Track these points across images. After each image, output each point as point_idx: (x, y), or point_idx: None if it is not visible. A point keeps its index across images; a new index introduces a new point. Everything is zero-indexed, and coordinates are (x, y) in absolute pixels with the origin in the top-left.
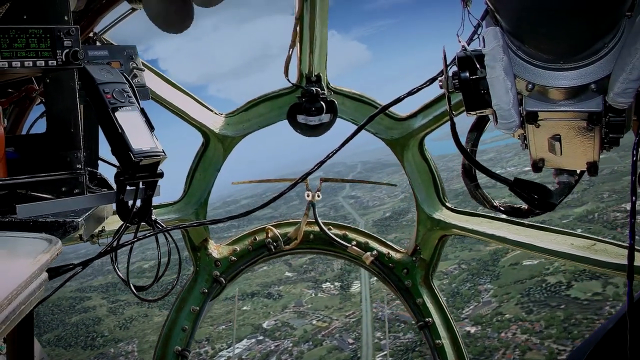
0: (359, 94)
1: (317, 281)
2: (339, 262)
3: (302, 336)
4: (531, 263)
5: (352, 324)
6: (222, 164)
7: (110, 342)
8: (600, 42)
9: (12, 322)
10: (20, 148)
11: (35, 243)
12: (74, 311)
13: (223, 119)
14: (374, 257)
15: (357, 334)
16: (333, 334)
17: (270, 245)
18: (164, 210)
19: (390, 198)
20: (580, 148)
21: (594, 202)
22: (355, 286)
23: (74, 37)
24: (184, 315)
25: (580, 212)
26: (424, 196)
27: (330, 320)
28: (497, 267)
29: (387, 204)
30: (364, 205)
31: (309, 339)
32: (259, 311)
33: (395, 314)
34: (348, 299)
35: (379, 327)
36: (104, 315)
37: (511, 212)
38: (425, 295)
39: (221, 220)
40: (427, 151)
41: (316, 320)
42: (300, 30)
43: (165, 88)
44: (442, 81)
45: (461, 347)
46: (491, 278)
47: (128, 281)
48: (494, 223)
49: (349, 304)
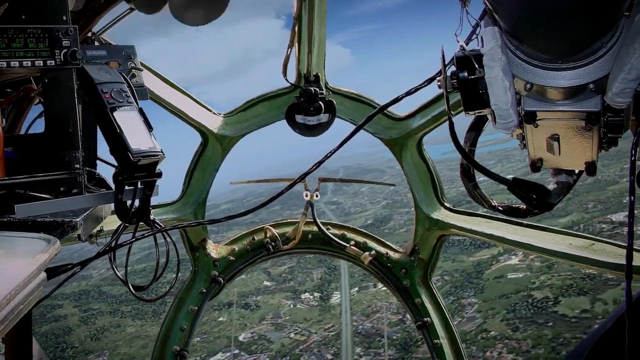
0: (358, 93)
1: (296, 291)
2: (319, 271)
3: (280, 350)
4: (516, 276)
5: (332, 338)
6: (220, 164)
7: (80, 353)
8: (599, 42)
9: (11, 322)
10: (19, 148)
11: (33, 243)
12: (44, 320)
13: (221, 119)
14: (372, 257)
15: (337, 349)
16: (311, 349)
17: (268, 245)
18: (163, 210)
19: (372, 205)
20: (578, 148)
21: (579, 213)
22: (335, 297)
23: (73, 37)
24: (182, 315)
25: (565, 223)
26: (422, 196)
27: (309, 333)
28: (481, 280)
29: (368, 211)
30: (345, 211)
31: (287, 354)
32: (235, 322)
33: (376, 327)
34: (327, 310)
35: (359, 341)
36: (75, 324)
37: (510, 212)
38: (423, 295)
39: (220, 220)
40: (425, 151)
41: (294, 333)
42: (298, 30)
43: (164, 88)
44: (441, 81)
45: (460, 347)
46: (475, 291)
47: (127, 281)
48: (492, 223)
49: (329, 316)
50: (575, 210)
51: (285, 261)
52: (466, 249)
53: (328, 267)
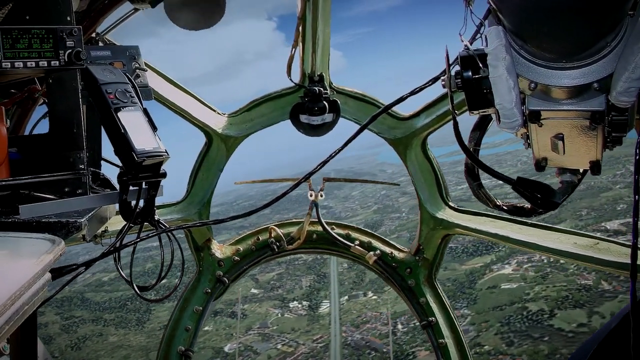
0: (362, 93)
1: (285, 300)
2: (308, 278)
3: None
4: (510, 287)
5: (320, 350)
6: (225, 164)
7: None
8: (603, 41)
9: (16, 323)
10: (23, 149)
11: (38, 243)
12: None
13: (226, 119)
14: (377, 257)
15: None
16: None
17: (273, 245)
18: (167, 211)
19: (363, 209)
20: (583, 147)
21: (572, 220)
22: (324, 306)
23: (77, 37)
24: (187, 315)
25: None
26: (427, 195)
27: (297, 344)
28: (474, 290)
29: (359, 216)
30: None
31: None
32: (221, 332)
33: (366, 339)
34: (316, 320)
35: (348, 354)
36: (56, 333)
37: (514, 212)
38: (428, 295)
39: (224, 220)
40: (429, 150)
41: (281, 344)
42: (302, 30)
43: (168, 88)
44: (445, 80)
45: (465, 347)
46: (468, 302)
47: (131, 281)
48: (497, 222)
49: (317, 327)
50: (569, 217)
51: (274, 267)
52: (458, 257)
53: (317, 274)
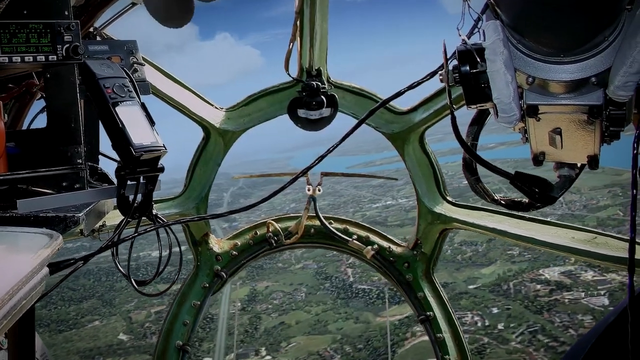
0: (360, 88)
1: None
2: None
3: None
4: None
5: None
6: (222, 158)
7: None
8: (601, 36)
9: (14, 317)
10: (21, 143)
11: (36, 238)
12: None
13: (223, 114)
14: (374, 251)
15: None
16: None
17: (271, 239)
18: (165, 205)
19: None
20: (580, 141)
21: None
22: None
23: (74, 32)
24: (185, 310)
25: None
26: (424, 190)
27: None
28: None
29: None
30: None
31: None
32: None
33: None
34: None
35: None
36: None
37: (512, 206)
38: (426, 289)
39: (222, 215)
40: (427, 145)
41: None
42: (300, 25)
43: (166, 82)
44: (443, 75)
45: (462, 341)
46: None
47: (129, 276)
48: (494, 217)
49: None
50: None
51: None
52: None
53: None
